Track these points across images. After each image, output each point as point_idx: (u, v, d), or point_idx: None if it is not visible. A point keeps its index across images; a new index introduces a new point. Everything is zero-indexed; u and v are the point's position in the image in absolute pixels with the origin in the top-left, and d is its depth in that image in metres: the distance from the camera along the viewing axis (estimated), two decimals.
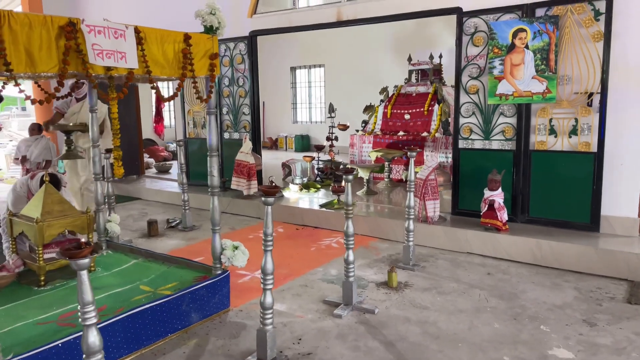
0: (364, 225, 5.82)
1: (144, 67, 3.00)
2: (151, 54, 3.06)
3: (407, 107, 8.80)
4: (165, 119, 12.89)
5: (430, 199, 5.36)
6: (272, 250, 2.99)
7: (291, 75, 15.04)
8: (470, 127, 5.51)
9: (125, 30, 2.88)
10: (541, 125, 5.08)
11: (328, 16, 6.53)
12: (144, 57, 2.99)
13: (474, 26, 5.34)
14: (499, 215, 4.99)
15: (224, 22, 3.46)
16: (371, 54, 12.57)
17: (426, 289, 4.13)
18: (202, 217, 6.80)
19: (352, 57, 12.98)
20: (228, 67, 7.53)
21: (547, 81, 4.89)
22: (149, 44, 3.04)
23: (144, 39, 3.00)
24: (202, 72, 3.44)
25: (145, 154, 10.85)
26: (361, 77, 12.77)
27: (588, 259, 4.47)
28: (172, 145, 12.23)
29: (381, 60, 12.41)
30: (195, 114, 7.99)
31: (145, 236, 5.97)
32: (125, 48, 2.87)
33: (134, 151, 9.26)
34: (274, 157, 12.05)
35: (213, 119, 3.65)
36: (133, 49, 2.92)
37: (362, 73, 12.80)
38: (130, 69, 2.92)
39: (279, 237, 5.84)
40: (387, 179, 7.98)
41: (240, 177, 6.92)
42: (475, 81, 5.40)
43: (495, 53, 5.13)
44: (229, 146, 7.65)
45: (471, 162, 5.53)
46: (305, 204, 6.83)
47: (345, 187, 3.73)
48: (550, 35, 4.85)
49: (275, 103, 15.08)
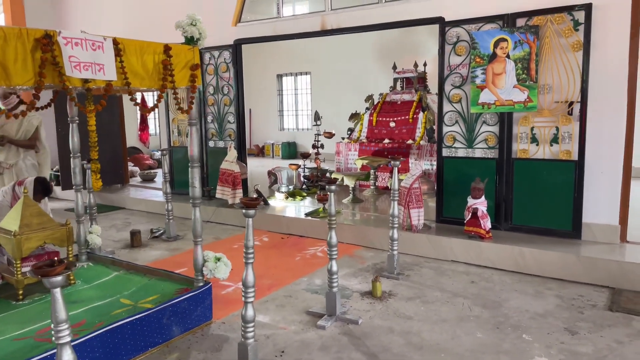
0: (349, 233, 5.82)
1: (123, 78, 2.98)
2: (130, 66, 3.03)
3: (392, 115, 8.84)
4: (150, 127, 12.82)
5: (415, 207, 5.38)
6: (253, 263, 2.96)
7: (277, 83, 15.06)
8: (453, 135, 5.54)
9: (104, 42, 2.86)
10: (523, 133, 5.13)
11: (312, 25, 6.55)
12: (122, 68, 2.96)
13: (457, 36, 5.39)
14: (482, 224, 5.02)
15: (205, 33, 3.45)
16: (357, 62, 12.63)
17: (410, 299, 4.13)
18: (186, 226, 6.75)
19: (338, 64, 13.04)
20: (213, 75, 7.51)
21: (528, 90, 4.95)
22: (128, 55, 3.01)
23: (123, 50, 2.98)
24: (182, 83, 3.42)
25: (130, 162, 10.76)
26: (347, 85, 12.83)
27: (570, 266, 4.51)
28: (157, 154, 12.14)
29: (367, 68, 12.48)
30: (180, 123, 7.95)
31: (128, 247, 5.90)
32: (104, 60, 2.84)
33: (117, 160, 9.18)
34: (261, 165, 12.02)
35: (195, 130, 3.63)
36: (111, 61, 2.89)
37: (348, 80, 12.85)
38: (108, 80, 2.89)
39: (264, 246, 5.82)
40: (373, 187, 7.99)
41: (225, 186, 6.88)
42: (458, 90, 5.45)
43: (477, 62, 5.18)
44: (214, 155, 7.62)
45: (455, 170, 5.56)
46: (291, 212, 6.81)
47: (329, 198, 3.72)
48: (530, 45, 4.91)
49: (261, 110, 15.08)
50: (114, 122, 9.06)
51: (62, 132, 8.10)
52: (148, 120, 11.97)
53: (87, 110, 2.88)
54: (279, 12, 7.00)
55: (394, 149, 8.29)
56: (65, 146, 6.41)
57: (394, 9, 5.86)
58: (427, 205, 6.45)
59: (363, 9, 6.12)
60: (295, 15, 6.95)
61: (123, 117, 9.38)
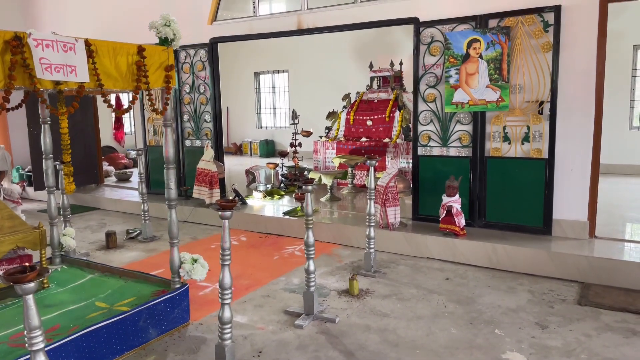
0: (327, 232, 5.86)
1: (96, 80, 2.95)
2: (103, 67, 3.00)
3: (369, 114, 8.90)
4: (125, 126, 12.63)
5: (391, 206, 5.44)
6: (230, 264, 2.96)
7: (255, 81, 14.99)
8: (428, 134, 5.62)
9: (75, 44, 2.82)
10: (495, 132, 5.24)
11: (289, 24, 6.54)
12: (95, 70, 2.93)
13: (431, 36, 5.46)
14: (457, 221, 5.11)
15: (179, 33, 3.43)
16: (334, 60, 12.66)
17: (386, 296, 4.19)
18: (163, 226, 6.69)
19: (316, 63, 13.06)
20: (188, 74, 7.44)
21: (500, 90, 5.05)
22: (101, 56, 2.98)
23: (95, 51, 2.94)
24: (157, 84, 3.40)
25: (105, 161, 10.60)
26: (324, 83, 12.85)
27: (541, 262, 4.63)
28: (133, 153, 11.98)
29: (344, 66, 12.52)
30: (155, 122, 7.86)
31: (104, 248, 5.82)
32: (76, 61, 2.81)
33: (92, 159, 9.03)
34: (238, 163, 11.97)
35: (170, 130, 3.60)
36: (83, 62, 2.86)
37: (325, 79, 12.88)
38: (80, 82, 2.86)
39: (242, 245, 5.81)
40: (351, 185, 8.04)
41: (202, 186, 6.84)
42: (433, 90, 5.52)
43: (451, 62, 5.26)
44: (191, 154, 7.56)
45: (430, 168, 5.64)
46: (269, 211, 6.81)
47: (305, 198, 3.74)
48: (502, 46, 5.01)
49: (239, 108, 15.00)
50: (87, 120, 8.91)
51: (34, 132, 7.94)
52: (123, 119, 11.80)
53: (59, 113, 2.84)
54: (255, 10, 6.98)
55: (371, 147, 8.35)
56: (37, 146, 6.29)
57: (369, 9, 5.91)
58: (404, 203, 6.53)
59: (339, 9, 6.14)
60: (272, 14, 6.93)
61: (97, 116, 9.22)
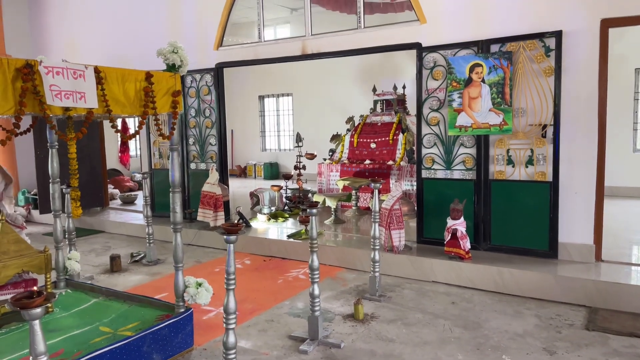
0: (331, 255, 5.84)
1: (104, 106, 3.00)
2: (112, 93, 3.06)
3: (373, 136, 8.95)
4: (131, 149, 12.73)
5: (396, 229, 5.43)
6: (234, 289, 2.96)
7: (259, 104, 15.13)
8: (432, 157, 5.65)
9: (85, 71, 2.88)
10: (499, 155, 5.26)
11: (293, 49, 6.65)
12: (104, 96, 2.98)
13: (433, 61, 5.53)
14: (462, 244, 5.09)
15: (186, 60, 3.49)
16: (338, 84, 12.79)
17: (392, 321, 4.16)
18: (167, 249, 6.69)
19: (320, 86, 13.19)
20: (194, 98, 7.54)
21: (503, 113, 5.09)
22: (110, 83, 3.04)
23: (104, 78, 3.00)
24: (164, 109, 3.45)
25: (110, 184, 10.66)
26: (328, 106, 12.96)
27: (548, 286, 4.59)
28: (138, 176, 12.05)
29: (347, 90, 12.64)
30: (161, 145, 7.93)
31: (108, 272, 5.82)
32: (85, 88, 2.86)
33: (97, 182, 9.08)
34: (243, 186, 12.00)
35: (176, 155, 3.64)
36: (93, 89, 2.91)
37: (329, 102, 13.00)
38: (89, 108, 2.91)
39: (246, 269, 5.79)
40: (355, 207, 8.04)
41: (207, 209, 6.86)
42: (436, 113, 5.57)
43: (454, 87, 5.32)
44: (196, 177, 7.61)
45: (434, 191, 5.65)
46: (273, 234, 6.81)
47: (310, 221, 3.75)
48: (504, 70, 5.07)
49: (244, 131, 15.10)
50: (94, 143, 8.99)
51: (40, 155, 8.01)
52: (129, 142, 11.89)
53: (67, 138, 2.89)
54: (260, 36, 7.10)
55: (375, 170, 8.38)
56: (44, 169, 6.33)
57: (373, 35, 6.00)
58: (408, 226, 6.52)
59: (342, 35, 6.25)
60: (277, 39, 7.05)
61: (103, 139, 9.31)
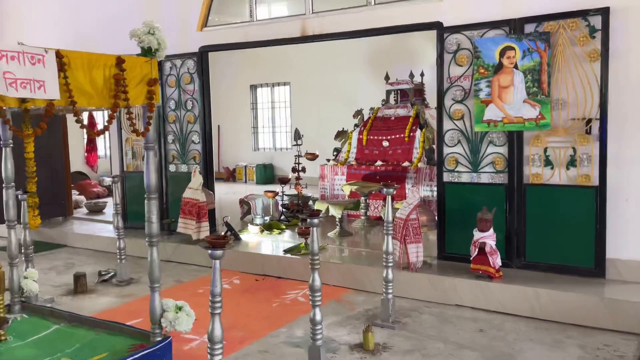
0: (336, 274, 5.83)
1: (68, 97, 3.01)
2: (76, 82, 3.06)
3: (386, 133, 8.96)
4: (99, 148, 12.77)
5: (412, 242, 5.42)
6: (221, 313, 2.96)
7: (251, 95, 15.18)
8: (455, 157, 5.65)
9: (45, 55, 2.89)
10: (535, 155, 5.25)
11: (291, 30, 6.67)
12: (67, 85, 2.99)
13: (457, 43, 5.54)
14: (491, 260, 5.08)
15: (165, 43, 3.50)
16: (344, 71, 12.82)
17: (408, 352, 4.15)
18: (142, 267, 6.67)
19: (322, 74, 13.22)
20: (174, 87, 7.56)
21: (540, 105, 5.08)
22: (74, 70, 3.05)
23: (68, 64, 3.01)
24: (138, 100, 3.46)
25: (75, 190, 10.68)
26: (332, 97, 12.99)
27: (593, 310, 4.58)
28: (108, 179, 12.05)
29: (355, 78, 12.67)
30: (134, 143, 7.95)
31: (71, 293, 5.83)
32: (45, 76, 2.87)
33: (59, 188, 9.10)
34: (231, 192, 12.02)
35: (152, 155, 3.65)
36: (54, 77, 2.92)
37: (333, 92, 13.02)
38: (50, 100, 2.92)
39: (235, 290, 5.79)
40: (364, 217, 8.04)
41: (188, 219, 6.86)
42: (460, 105, 5.57)
43: (481, 74, 5.32)
44: (175, 181, 7.62)
45: (458, 198, 5.65)
46: (267, 249, 6.80)
47: (311, 233, 3.75)
48: (541, 54, 5.07)
49: (232, 127, 15.14)
50: (55, 142, 9.01)
51: None
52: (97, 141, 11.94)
53: (24, 135, 2.89)
54: (252, 14, 7.12)
55: (388, 173, 8.39)
56: None
57: (385, 13, 6.02)
58: (427, 239, 6.51)
59: (349, 13, 6.27)
60: (272, 18, 7.08)
61: (67, 136, 9.34)
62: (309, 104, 13.71)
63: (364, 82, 12.46)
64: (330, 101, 13.02)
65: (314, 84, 13.52)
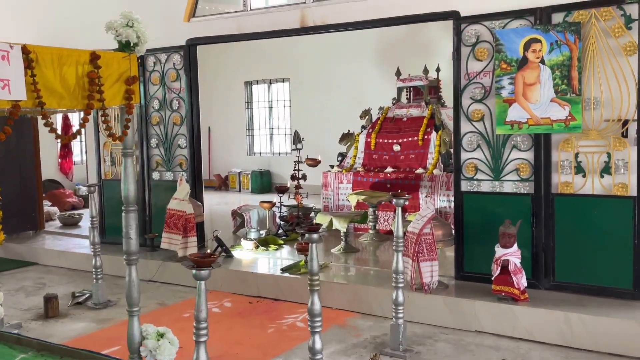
0: (340, 295, 5.82)
1: (35, 97, 3.02)
2: (45, 81, 3.08)
3: (397, 136, 8.97)
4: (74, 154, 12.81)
5: (426, 260, 5.42)
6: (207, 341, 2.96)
7: (246, 93, 15.22)
8: (475, 163, 5.64)
9: (10, 51, 2.90)
10: (565, 161, 5.25)
11: (289, 21, 6.70)
12: (34, 84, 3.01)
13: (476, 35, 5.55)
14: (516, 281, 5.06)
15: (145, 36, 3.53)
16: (350, 66, 12.84)
17: None
18: (120, 288, 6.68)
19: (326, 69, 13.24)
20: (158, 85, 7.59)
21: (569, 105, 5.08)
22: (42, 67, 3.06)
23: (36, 60, 3.03)
24: (115, 101, 3.49)
25: (47, 200, 10.71)
26: (337, 96, 13.01)
27: (632, 337, 4.55)
28: (84, 189, 12.09)
29: (362, 74, 12.69)
30: (113, 148, 7.97)
31: (42, 317, 5.84)
32: (9, 74, 2.88)
33: (29, 198, 9.13)
34: (223, 202, 12.04)
35: (130, 162, 3.67)
36: (20, 75, 2.93)
37: (338, 90, 13.05)
38: (15, 101, 2.93)
39: (226, 314, 5.80)
40: (373, 231, 8.03)
41: (174, 233, 6.87)
42: (480, 105, 5.58)
43: (504, 69, 5.33)
44: (159, 191, 7.64)
45: (478, 209, 5.65)
46: (262, 267, 6.80)
47: (310, 250, 3.75)
48: (571, 47, 5.07)
49: (224, 129, 15.16)
50: (25, 147, 9.05)
51: None
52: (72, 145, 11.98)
53: None
54: (245, 3, 7.16)
55: (399, 181, 8.39)
56: None
57: (395, 1, 6.03)
58: (443, 256, 6.49)
59: (355, 1, 6.28)
60: (268, 7, 7.11)
61: (38, 140, 9.37)
62: (310, 102, 13.73)
63: (372, 78, 12.48)
64: (335, 100, 13.04)
65: (316, 80, 13.54)
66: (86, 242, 8.11)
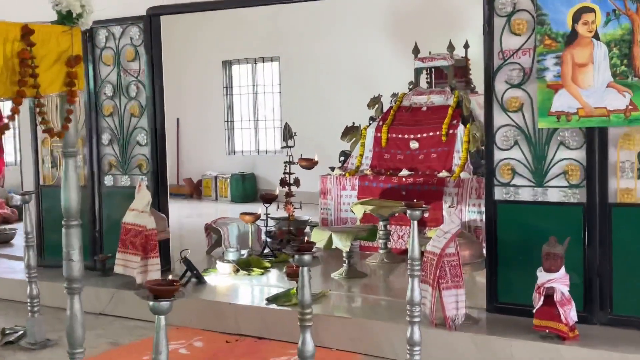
0: (342, 332, 5.81)
1: None
2: None
3: (414, 130, 8.97)
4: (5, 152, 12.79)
5: (450, 287, 5.41)
6: None
7: (224, 75, 15.23)
8: (511, 165, 5.64)
9: None
10: (625, 162, 5.25)
11: None
12: None
13: (512, 3, 5.55)
14: (563, 314, 5.06)
15: (90, 5, 3.53)
16: (354, 42, 12.87)
17: None
18: (62, 323, 6.66)
19: (325, 45, 13.26)
20: (112, 66, 7.59)
21: (631, 91, 5.08)
22: None
23: None
24: (53, 87, 3.49)
25: None
26: (339, 79, 13.04)
27: None
28: (17, 197, 12.07)
29: (371, 51, 12.72)
30: (54, 146, 7.96)
31: None
32: None
33: None
34: (195, 214, 12.03)
35: (72, 163, 3.68)
36: None
37: (340, 72, 13.07)
38: None
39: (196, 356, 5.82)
40: (383, 251, 8.01)
41: (131, 253, 6.86)
42: (517, 91, 5.58)
43: (547, 46, 5.33)
44: (114, 199, 7.64)
45: (515, 223, 5.64)
46: (244, 296, 6.80)
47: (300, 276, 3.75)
48: (632, 18, 5.07)
49: (197, 121, 15.17)
50: None
51: None
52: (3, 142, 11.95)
53: None
54: None
55: (418, 187, 8.38)
56: None
57: None
58: (472, 282, 6.50)
59: None
60: None
61: None
62: (305, 87, 13.73)
63: (383, 57, 12.51)
64: (336, 84, 13.06)
65: (312, 59, 13.56)
66: (20, 265, 8.11)
